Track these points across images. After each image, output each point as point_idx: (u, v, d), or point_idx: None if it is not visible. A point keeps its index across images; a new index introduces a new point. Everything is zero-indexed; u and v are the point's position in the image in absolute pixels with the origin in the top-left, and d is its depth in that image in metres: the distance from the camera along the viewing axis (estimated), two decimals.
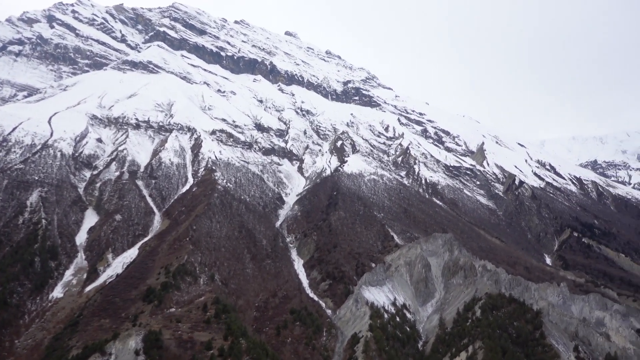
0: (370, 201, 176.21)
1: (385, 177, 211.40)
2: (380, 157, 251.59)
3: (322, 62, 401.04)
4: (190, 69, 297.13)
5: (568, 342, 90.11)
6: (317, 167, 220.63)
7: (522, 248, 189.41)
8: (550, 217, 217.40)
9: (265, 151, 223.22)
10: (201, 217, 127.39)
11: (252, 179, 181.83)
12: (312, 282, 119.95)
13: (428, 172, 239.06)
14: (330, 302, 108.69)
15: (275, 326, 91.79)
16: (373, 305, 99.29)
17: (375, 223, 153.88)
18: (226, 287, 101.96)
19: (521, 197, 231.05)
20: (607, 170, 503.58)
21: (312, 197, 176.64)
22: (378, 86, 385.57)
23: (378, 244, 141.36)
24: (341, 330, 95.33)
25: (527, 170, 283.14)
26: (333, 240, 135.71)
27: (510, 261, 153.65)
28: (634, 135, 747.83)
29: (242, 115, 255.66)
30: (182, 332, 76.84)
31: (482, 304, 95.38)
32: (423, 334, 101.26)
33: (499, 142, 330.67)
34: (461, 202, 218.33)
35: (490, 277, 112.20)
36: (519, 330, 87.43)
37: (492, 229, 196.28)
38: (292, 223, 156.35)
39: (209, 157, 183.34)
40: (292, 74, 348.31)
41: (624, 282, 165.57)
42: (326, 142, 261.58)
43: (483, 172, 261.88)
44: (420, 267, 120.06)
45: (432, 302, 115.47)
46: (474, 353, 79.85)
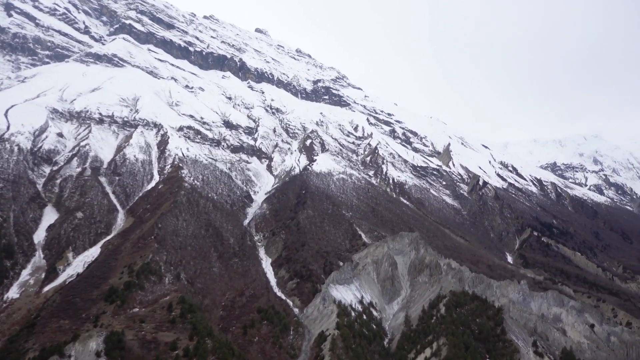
0: (339, 200, 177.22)
1: (354, 177, 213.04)
2: (349, 156, 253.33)
3: (292, 60, 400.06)
4: (157, 63, 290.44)
5: (527, 338, 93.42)
6: (286, 165, 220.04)
7: (485, 247, 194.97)
8: (512, 216, 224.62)
9: (234, 149, 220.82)
10: (167, 215, 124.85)
11: (220, 176, 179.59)
12: (280, 280, 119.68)
13: (396, 172, 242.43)
14: (298, 301, 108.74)
15: (242, 325, 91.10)
16: (340, 304, 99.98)
17: (344, 222, 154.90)
18: (192, 287, 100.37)
19: (485, 197, 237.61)
20: (565, 172, 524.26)
21: (280, 195, 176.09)
22: (348, 86, 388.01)
23: (346, 243, 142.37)
24: (308, 329, 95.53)
25: (490, 171, 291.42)
26: (301, 239, 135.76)
27: (473, 259, 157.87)
28: (590, 139, 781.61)
29: (211, 112, 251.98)
30: (146, 332, 75.15)
31: (446, 302, 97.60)
32: (389, 331, 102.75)
33: (465, 144, 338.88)
34: (427, 202, 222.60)
35: (455, 275, 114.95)
36: (481, 326, 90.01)
37: (457, 228, 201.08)
38: (261, 222, 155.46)
39: (175, 154, 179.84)
40: (262, 71, 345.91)
41: (580, 279, 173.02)
42: (295, 140, 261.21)
43: (449, 173, 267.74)
44: (387, 266, 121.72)
45: (398, 300, 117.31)
46: (438, 349, 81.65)
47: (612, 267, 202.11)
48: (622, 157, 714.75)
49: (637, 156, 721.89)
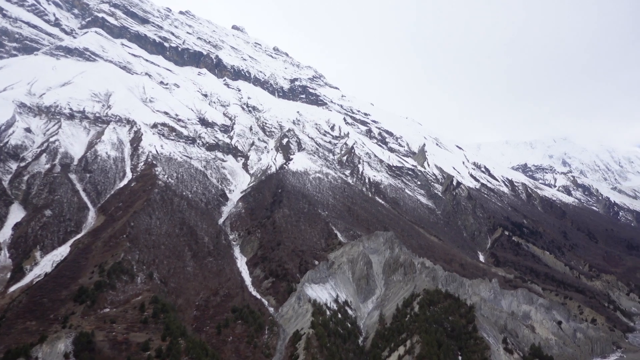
0: (315, 199, 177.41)
1: (330, 176, 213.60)
2: (326, 155, 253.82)
3: (269, 58, 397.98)
4: (131, 58, 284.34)
5: (497, 335, 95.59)
6: (263, 164, 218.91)
7: (458, 246, 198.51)
8: (484, 216, 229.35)
9: (209, 147, 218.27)
10: (140, 213, 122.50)
11: (194, 174, 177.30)
12: (255, 280, 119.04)
13: (372, 171, 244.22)
14: (273, 300, 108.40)
15: (216, 325, 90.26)
16: (315, 303, 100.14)
17: (320, 221, 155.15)
18: (165, 286, 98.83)
19: (458, 197, 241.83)
20: (535, 173, 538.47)
21: (256, 194, 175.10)
22: (325, 85, 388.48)
23: (322, 242, 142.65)
24: (283, 328, 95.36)
25: (464, 172, 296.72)
26: (277, 237, 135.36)
27: (447, 258, 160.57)
28: (559, 141, 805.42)
29: (186, 109, 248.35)
30: (117, 333, 73.61)
31: (420, 300, 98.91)
32: (364, 329, 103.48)
33: (439, 144, 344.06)
34: (402, 202, 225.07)
35: (428, 274, 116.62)
36: (454, 324, 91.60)
37: (431, 228, 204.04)
38: (236, 220, 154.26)
39: (149, 151, 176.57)
40: (238, 69, 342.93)
41: (548, 277, 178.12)
42: (272, 139, 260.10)
43: (424, 173, 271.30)
44: (362, 265, 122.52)
45: (373, 298, 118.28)
46: (412, 347, 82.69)
47: (578, 265, 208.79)
48: (589, 160, 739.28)
49: (602, 158, 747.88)
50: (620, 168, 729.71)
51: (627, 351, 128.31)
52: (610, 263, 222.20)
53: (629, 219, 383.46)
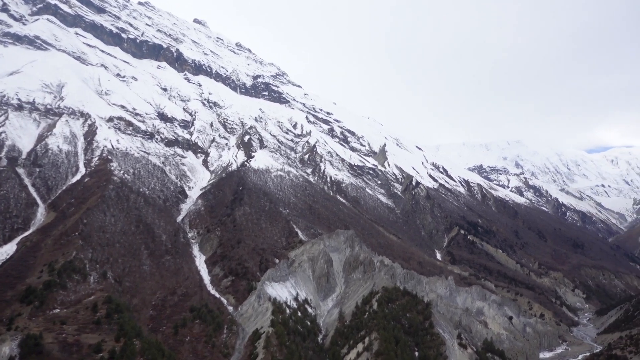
0: (276, 197, 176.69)
1: (292, 174, 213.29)
2: (288, 153, 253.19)
3: (231, 54, 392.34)
4: (86, 48, 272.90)
5: (452, 330, 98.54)
6: (223, 161, 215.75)
7: (417, 244, 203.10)
8: (442, 215, 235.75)
9: (168, 142, 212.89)
10: (93, 210, 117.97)
11: (152, 170, 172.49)
12: (214, 278, 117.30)
13: (333, 170, 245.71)
14: (233, 299, 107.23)
15: (173, 325, 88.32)
16: (275, 301, 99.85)
17: (281, 219, 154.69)
18: (120, 285, 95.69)
19: (417, 196, 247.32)
20: (490, 175, 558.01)
21: (216, 191, 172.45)
22: (288, 83, 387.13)
23: (282, 240, 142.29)
24: (242, 327, 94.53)
25: (423, 172, 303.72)
26: (237, 236, 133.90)
27: (405, 256, 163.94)
28: (513, 144, 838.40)
29: (144, 103, 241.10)
30: (67, 334, 70.61)
31: (379, 297, 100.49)
32: (323, 327, 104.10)
33: (400, 145, 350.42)
34: (363, 200, 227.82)
35: (387, 272, 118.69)
36: (411, 320, 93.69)
37: (390, 226, 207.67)
38: (195, 218, 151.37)
39: (104, 146, 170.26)
40: (199, 63, 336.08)
41: (501, 275, 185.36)
42: (233, 136, 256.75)
43: (384, 172, 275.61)
44: (323, 263, 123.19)
45: (333, 296, 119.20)
46: (370, 344, 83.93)
47: (529, 263, 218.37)
48: (540, 162, 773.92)
49: (552, 161, 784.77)
50: (568, 171, 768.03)
51: (571, 344, 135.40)
52: (558, 261, 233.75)
53: (575, 218, 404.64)
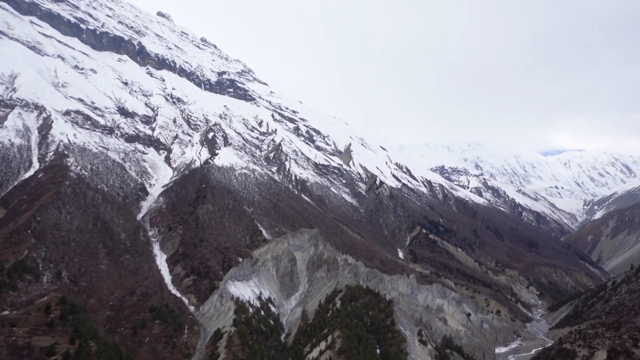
0: (241, 195, 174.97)
1: (257, 172, 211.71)
2: (253, 151, 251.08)
3: (196, 49, 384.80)
4: (42, 38, 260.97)
5: (413, 328, 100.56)
6: (186, 158, 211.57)
7: (380, 243, 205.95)
8: (404, 215, 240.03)
9: (129, 138, 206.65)
10: (48, 207, 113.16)
11: (111, 167, 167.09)
12: (176, 277, 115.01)
13: (298, 169, 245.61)
14: (194, 299, 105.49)
15: (132, 326, 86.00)
16: (238, 300, 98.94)
17: (245, 217, 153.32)
18: (75, 285, 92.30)
19: (381, 196, 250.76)
20: (451, 175, 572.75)
21: (179, 189, 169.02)
22: (254, 80, 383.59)
23: (246, 239, 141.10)
24: (204, 327, 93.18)
25: (387, 172, 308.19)
26: (200, 234, 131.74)
27: (368, 255, 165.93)
28: (473, 146, 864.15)
29: (103, 96, 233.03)
30: (18, 337, 67.45)
31: (342, 296, 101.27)
32: (286, 326, 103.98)
33: (364, 145, 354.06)
34: (328, 199, 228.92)
35: (351, 270, 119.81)
36: (373, 318, 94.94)
37: (354, 225, 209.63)
38: (156, 216, 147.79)
39: (60, 140, 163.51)
40: (163, 57, 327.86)
41: (460, 272, 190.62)
42: (197, 132, 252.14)
43: (349, 172, 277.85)
44: (287, 262, 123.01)
45: (297, 295, 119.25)
46: (333, 342, 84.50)
47: (486, 261, 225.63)
48: (499, 164, 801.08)
49: (510, 163, 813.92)
50: (524, 172, 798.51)
51: (525, 339, 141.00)
52: (514, 259, 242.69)
53: (530, 218, 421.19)
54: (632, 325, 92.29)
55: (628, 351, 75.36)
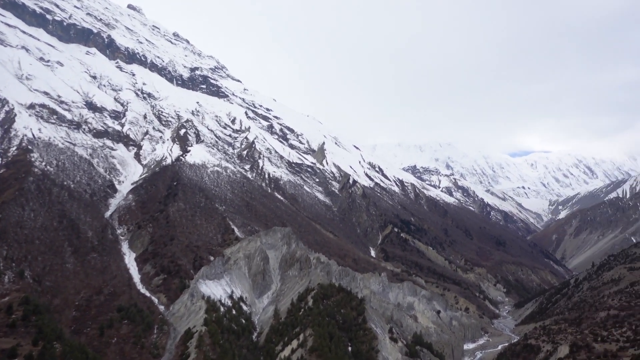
0: (213, 193, 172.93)
1: (229, 170, 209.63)
2: (225, 149, 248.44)
3: (168, 43, 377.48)
4: (5, 28, 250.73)
5: (384, 325, 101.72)
6: (157, 154, 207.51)
7: (352, 241, 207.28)
8: (377, 214, 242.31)
9: (97, 133, 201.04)
10: (10, 203, 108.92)
11: (78, 163, 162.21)
12: (145, 277, 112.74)
13: (272, 167, 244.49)
14: (164, 298, 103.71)
15: (99, 326, 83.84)
16: (209, 299, 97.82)
17: (217, 216, 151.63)
18: (39, 285, 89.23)
19: (354, 195, 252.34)
20: (423, 175, 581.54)
21: (149, 186, 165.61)
22: (227, 77, 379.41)
23: (218, 237, 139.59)
24: (174, 327, 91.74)
25: (360, 171, 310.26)
26: (170, 232, 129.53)
27: (341, 254, 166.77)
28: (444, 146, 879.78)
29: (71, 90, 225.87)
30: None
31: (314, 294, 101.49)
32: (258, 325, 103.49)
33: (338, 144, 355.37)
34: (301, 198, 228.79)
35: (323, 269, 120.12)
36: (345, 316, 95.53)
37: (327, 224, 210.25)
38: (125, 213, 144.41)
39: (24, 135, 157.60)
40: (133, 51, 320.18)
41: (430, 271, 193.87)
42: (168, 129, 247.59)
43: (322, 171, 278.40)
44: (259, 260, 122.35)
45: (269, 293, 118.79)
46: (305, 340, 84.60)
47: (456, 260, 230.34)
48: (469, 164, 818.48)
49: (479, 164, 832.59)
50: (493, 173, 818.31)
51: (492, 335, 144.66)
52: (482, 257, 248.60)
53: (498, 218, 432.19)
54: (593, 320, 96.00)
55: (589, 346, 78.31)
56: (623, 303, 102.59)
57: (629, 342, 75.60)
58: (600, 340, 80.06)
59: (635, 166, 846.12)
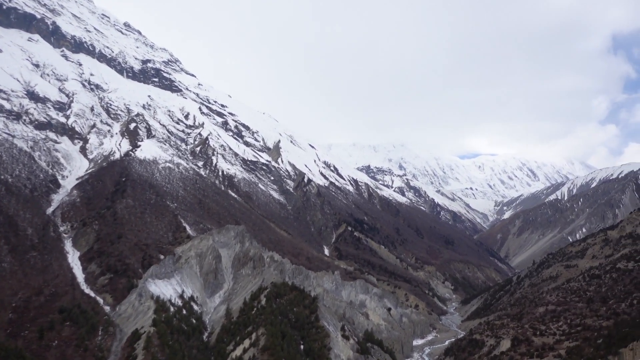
0: (164, 190, 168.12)
1: (182, 166, 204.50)
2: (178, 145, 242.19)
3: (119, 33, 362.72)
4: None
5: (337, 323, 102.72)
6: (105, 149, 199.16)
7: (306, 240, 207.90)
8: (331, 212, 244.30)
9: (39, 125, 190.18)
10: None
11: (18, 156, 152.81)
12: (90, 276, 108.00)
13: (226, 164, 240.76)
14: (110, 298, 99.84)
15: (38, 328, 79.44)
16: (159, 299, 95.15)
17: (168, 213, 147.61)
18: None
19: (308, 193, 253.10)
20: (377, 175, 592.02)
21: (95, 182, 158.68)
22: (181, 71, 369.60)
23: (169, 235, 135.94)
24: (120, 328, 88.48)
25: (315, 170, 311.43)
26: (118, 230, 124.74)
27: (295, 252, 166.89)
28: (398, 147, 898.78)
29: (10, 78, 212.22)
30: None
31: (267, 293, 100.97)
32: (209, 325, 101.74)
33: (294, 142, 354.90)
34: (255, 196, 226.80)
35: (277, 267, 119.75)
36: (298, 315, 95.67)
37: (281, 222, 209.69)
38: (69, 210, 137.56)
39: None
40: (80, 40, 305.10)
41: (382, 269, 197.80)
42: (117, 122, 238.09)
43: (277, 169, 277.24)
44: (211, 259, 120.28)
45: (221, 293, 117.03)
46: (257, 339, 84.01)
47: (407, 258, 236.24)
48: (421, 165, 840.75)
49: (431, 165, 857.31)
50: (443, 174, 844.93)
51: (440, 331, 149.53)
52: (432, 256, 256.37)
53: (447, 217, 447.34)
54: (533, 315, 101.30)
55: (529, 339, 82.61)
56: (560, 299, 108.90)
57: (564, 335, 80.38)
58: (539, 334, 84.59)
59: (573, 170, 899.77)
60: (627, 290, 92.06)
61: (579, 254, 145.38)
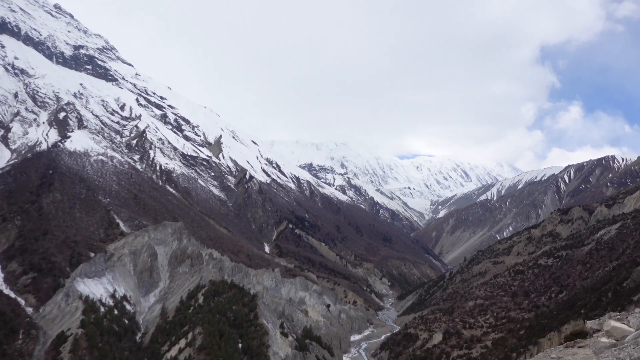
0: (96, 184, 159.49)
1: (116, 160, 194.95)
2: (112, 137, 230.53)
3: (48, 16, 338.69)
4: None
5: (276, 320, 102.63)
6: (30, 139, 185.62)
7: (247, 237, 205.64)
8: (272, 210, 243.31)
9: None
10: None
11: None
12: (10, 275, 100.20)
13: (164, 158, 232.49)
14: (33, 299, 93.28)
15: None
16: (88, 299, 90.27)
17: (100, 209, 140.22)
18: None
19: (250, 190, 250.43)
20: (319, 173, 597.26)
21: (18, 174, 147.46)
22: (117, 59, 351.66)
23: (100, 232, 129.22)
24: (44, 330, 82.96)
25: (257, 166, 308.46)
26: (43, 226, 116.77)
27: (235, 249, 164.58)
28: (340, 146, 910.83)
29: None
30: None
31: (205, 291, 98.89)
32: (143, 325, 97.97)
33: (235, 137, 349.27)
34: (195, 192, 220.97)
35: (215, 265, 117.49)
36: (237, 313, 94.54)
37: (221, 219, 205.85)
38: None
39: None
40: (4, 20, 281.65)
41: (322, 266, 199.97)
42: (45, 111, 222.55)
43: (218, 164, 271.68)
44: (147, 256, 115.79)
45: (156, 291, 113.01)
46: (194, 339, 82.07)
47: (347, 255, 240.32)
48: (362, 164, 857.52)
49: (371, 164, 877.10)
50: (383, 173, 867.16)
51: (377, 326, 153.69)
52: (370, 253, 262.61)
53: (386, 216, 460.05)
54: (463, 310, 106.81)
55: (459, 332, 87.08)
56: (487, 293, 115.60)
57: (491, 328, 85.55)
58: (468, 327, 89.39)
59: (502, 172, 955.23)
60: (547, 285, 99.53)
61: (505, 251, 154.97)
